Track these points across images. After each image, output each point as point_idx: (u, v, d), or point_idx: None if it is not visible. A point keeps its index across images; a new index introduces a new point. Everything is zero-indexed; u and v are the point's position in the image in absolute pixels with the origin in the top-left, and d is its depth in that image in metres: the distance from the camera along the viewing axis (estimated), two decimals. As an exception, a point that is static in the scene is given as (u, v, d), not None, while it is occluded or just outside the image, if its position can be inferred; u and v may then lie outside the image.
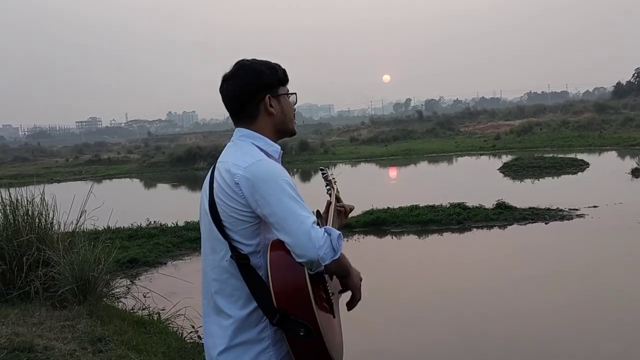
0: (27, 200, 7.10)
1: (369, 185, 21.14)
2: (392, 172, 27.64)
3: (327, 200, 2.55)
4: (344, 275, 2.18)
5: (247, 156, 2.06)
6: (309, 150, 36.74)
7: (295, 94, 2.28)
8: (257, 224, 2.03)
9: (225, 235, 2.04)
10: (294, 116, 2.30)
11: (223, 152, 2.19)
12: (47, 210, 7.16)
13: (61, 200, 7.39)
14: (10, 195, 7.09)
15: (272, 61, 2.23)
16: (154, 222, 13.16)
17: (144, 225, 13.03)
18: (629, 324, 6.58)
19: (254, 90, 2.15)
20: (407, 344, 6.55)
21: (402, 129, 48.20)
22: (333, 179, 2.71)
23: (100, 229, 9.22)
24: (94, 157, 45.53)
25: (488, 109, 66.85)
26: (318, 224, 1.99)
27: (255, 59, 2.21)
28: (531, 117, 49.67)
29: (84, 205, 7.33)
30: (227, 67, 2.24)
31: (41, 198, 7.18)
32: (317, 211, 2.39)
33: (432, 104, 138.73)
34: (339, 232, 2.03)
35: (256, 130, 2.17)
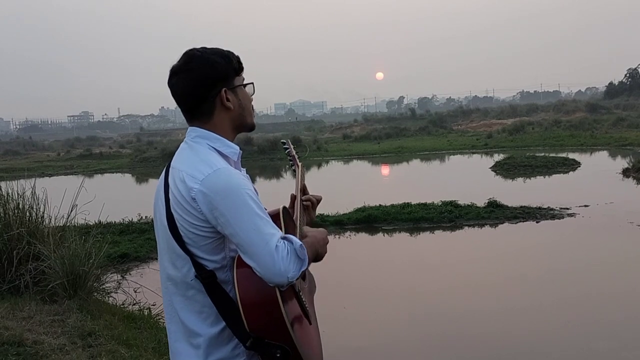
0: (18, 194, 7.06)
1: (361, 183, 21.16)
2: (385, 169, 27.67)
3: (292, 194, 2.31)
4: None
5: (203, 165, 1.84)
6: (301, 147, 36.67)
7: (252, 83, 2.05)
8: (220, 239, 1.86)
9: (187, 252, 1.85)
10: (253, 108, 2.08)
11: (177, 154, 1.98)
12: (38, 204, 7.12)
13: (52, 195, 7.35)
14: (0, 189, 7.05)
15: (224, 48, 2.01)
16: (146, 217, 13.12)
17: (135, 220, 13.00)
18: (619, 322, 6.61)
19: (207, 84, 1.92)
20: (397, 341, 6.55)
21: (395, 126, 48.18)
22: (297, 154, 2.46)
23: (91, 224, 9.19)
24: (86, 151, 45.30)
25: (481, 108, 67.01)
26: (284, 237, 1.83)
27: (205, 48, 1.98)
28: (523, 116, 49.82)
29: (75, 200, 7.30)
30: None
31: (32, 192, 7.15)
32: (284, 207, 2.15)
33: (425, 102, 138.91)
34: (300, 242, 1.84)
35: (212, 129, 1.95)
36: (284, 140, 2.55)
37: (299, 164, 2.45)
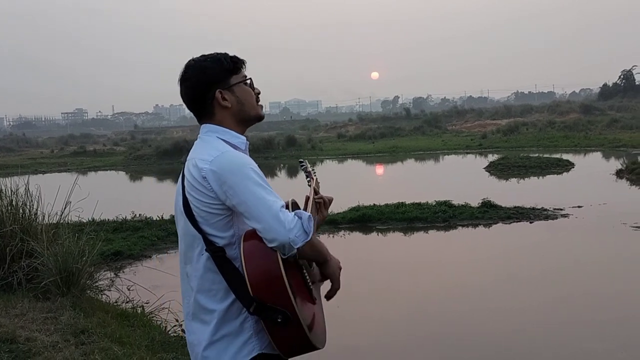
0: (11, 191, 7.05)
1: (355, 182, 21.17)
2: (379, 169, 27.69)
3: (306, 195, 2.49)
4: (321, 261, 2.19)
5: (212, 150, 2.08)
6: (296, 145, 36.67)
7: (250, 78, 2.24)
8: (229, 216, 2.06)
9: (200, 230, 2.06)
10: (258, 99, 2.27)
11: (192, 149, 2.20)
12: (32, 201, 7.11)
13: (46, 192, 7.34)
14: (-7, 186, 7.03)
15: (220, 52, 2.21)
16: (139, 215, 13.10)
17: (129, 218, 12.97)
18: (612, 323, 6.63)
19: (202, 88, 2.15)
20: (390, 340, 6.56)
21: (390, 126, 48.27)
22: (312, 170, 2.66)
23: (84, 221, 9.16)
24: (80, 148, 45.21)
25: (475, 108, 67.13)
26: (287, 209, 2.02)
27: (201, 56, 2.20)
28: (518, 117, 49.94)
29: (69, 197, 7.28)
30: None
31: (25, 189, 7.13)
32: (293, 201, 2.39)
33: (420, 102, 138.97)
34: (309, 214, 2.04)
35: (219, 124, 2.18)
36: (302, 160, 2.72)
37: (314, 177, 2.61)
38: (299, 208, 2.37)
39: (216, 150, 2.07)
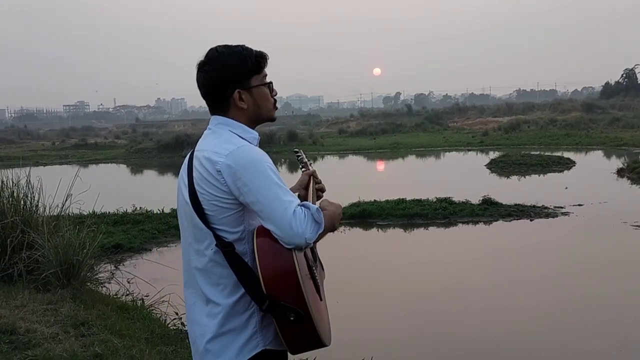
0: (13, 183, 7.05)
1: (356, 178, 21.17)
2: (380, 165, 27.69)
3: (302, 175, 2.46)
4: (333, 230, 2.11)
5: (227, 143, 2.03)
6: (297, 141, 36.64)
7: (271, 82, 2.18)
8: (240, 211, 2.02)
9: (209, 224, 2.01)
10: (275, 102, 2.22)
11: (201, 140, 2.15)
12: (33, 193, 7.12)
13: (47, 184, 7.35)
14: (-5, 177, 7.04)
15: (245, 46, 2.14)
16: (140, 208, 13.12)
17: (129, 211, 12.99)
18: (612, 321, 6.64)
19: (221, 84, 2.09)
20: (389, 336, 6.58)
21: (391, 122, 48.25)
22: (308, 160, 2.61)
23: (85, 214, 9.17)
24: (81, 141, 45.22)
25: (477, 105, 67.14)
26: (301, 205, 1.99)
27: (226, 47, 2.12)
28: (519, 115, 49.84)
29: (70, 189, 7.29)
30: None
31: (27, 181, 7.14)
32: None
33: (422, 98, 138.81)
34: (316, 206, 2.02)
35: (232, 118, 2.13)
36: (297, 150, 2.68)
37: (311, 169, 2.57)
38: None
39: (232, 144, 2.02)
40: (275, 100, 2.22)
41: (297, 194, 2.33)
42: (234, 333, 2.03)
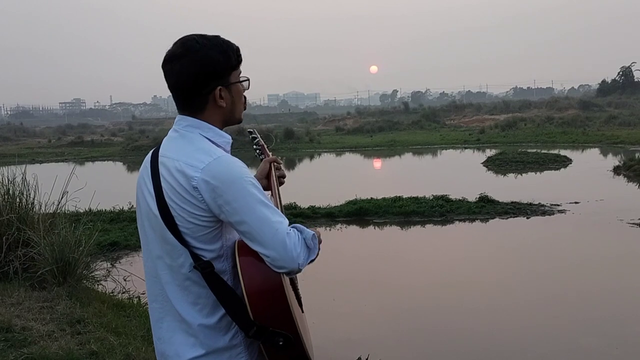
0: (8, 180, 7.03)
1: (353, 175, 21.18)
2: (377, 162, 27.69)
3: (263, 162, 2.31)
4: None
5: (201, 154, 1.81)
6: (294, 138, 36.61)
7: (248, 79, 1.99)
8: (218, 228, 1.82)
9: (184, 242, 1.81)
10: (245, 101, 2.01)
11: (166, 143, 1.93)
12: (28, 190, 7.10)
13: (43, 181, 7.32)
14: (-10, 174, 7.02)
15: (222, 37, 1.93)
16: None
17: (126, 208, 12.99)
18: (607, 319, 6.66)
19: (201, 80, 1.85)
20: (385, 333, 6.58)
21: (388, 120, 48.27)
22: (265, 144, 2.40)
23: (81, 211, 9.13)
24: (77, 138, 45.07)
25: (474, 103, 67.03)
26: (293, 226, 1.84)
27: (204, 38, 1.89)
28: (516, 112, 49.85)
29: (66, 187, 7.28)
30: None
31: (22, 178, 7.12)
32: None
33: (419, 96, 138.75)
34: (312, 231, 1.86)
35: (204, 120, 1.90)
36: (251, 129, 2.45)
37: (269, 154, 2.40)
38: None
39: (206, 154, 1.80)
40: (245, 100, 2.03)
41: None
42: (217, 353, 1.86)
